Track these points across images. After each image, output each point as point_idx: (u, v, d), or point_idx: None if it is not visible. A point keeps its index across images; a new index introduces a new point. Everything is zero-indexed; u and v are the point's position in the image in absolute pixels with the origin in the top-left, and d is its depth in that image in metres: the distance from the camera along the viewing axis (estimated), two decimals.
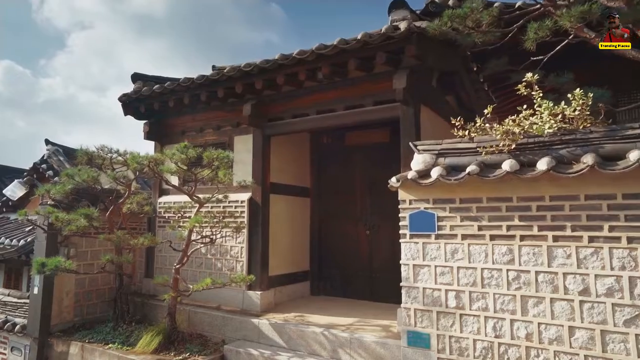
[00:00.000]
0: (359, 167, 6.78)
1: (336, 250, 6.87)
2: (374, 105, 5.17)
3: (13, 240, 7.65)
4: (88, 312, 6.37)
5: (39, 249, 5.92)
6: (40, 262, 4.92)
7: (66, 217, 4.98)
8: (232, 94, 5.95)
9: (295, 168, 6.79)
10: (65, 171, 5.26)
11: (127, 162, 5.03)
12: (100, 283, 6.57)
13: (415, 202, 4.08)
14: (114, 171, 5.46)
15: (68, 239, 6.13)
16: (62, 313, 6.04)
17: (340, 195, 6.93)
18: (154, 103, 6.60)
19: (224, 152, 5.09)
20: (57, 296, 5.96)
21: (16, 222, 9.64)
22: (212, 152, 5.03)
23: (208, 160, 5.14)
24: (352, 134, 6.81)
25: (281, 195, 6.36)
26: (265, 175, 5.99)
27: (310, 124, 5.69)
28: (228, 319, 5.41)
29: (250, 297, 5.71)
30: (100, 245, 6.56)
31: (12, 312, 6.40)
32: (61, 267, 4.94)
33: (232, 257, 5.99)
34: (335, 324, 4.95)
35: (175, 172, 5.38)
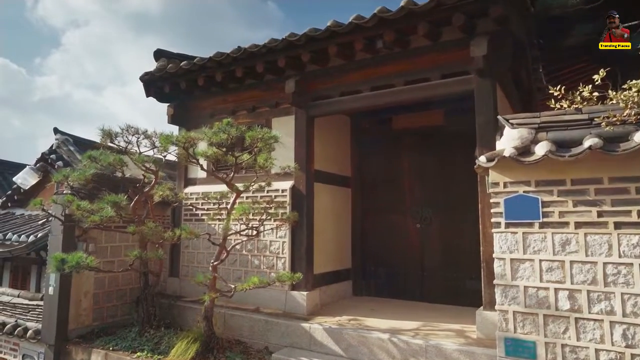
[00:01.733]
0: (407, 153, 6.13)
1: (381, 246, 6.22)
2: (441, 79, 4.52)
3: (21, 236, 6.98)
4: (108, 315, 5.70)
5: (54, 245, 5.25)
6: (59, 258, 4.26)
7: (89, 206, 4.31)
8: (272, 69, 5.30)
9: (335, 155, 6.13)
10: (87, 153, 4.59)
11: (159, 142, 4.36)
12: (121, 283, 5.90)
13: (511, 185, 3.42)
14: (141, 154, 4.80)
15: (86, 233, 5.47)
16: (80, 316, 5.37)
17: (385, 186, 6.28)
18: (181, 82, 5.94)
19: (269, 132, 4.43)
20: (74, 298, 5.29)
21: (23, 217, 8.96)
22: (256, 132, 4.37)
23: (251, 141, 4.48)
24: (400, 117, 6.16)
25: (323, 184, 5.71)
26: (310, 161, 5.33)
27: (363, 102, 5.03)
28: (272, 323, 4.75)
29: (294, 298, 5.05)
30: (121, 241, 5.90)
31: (23, 315, 5.73)
32: (83, 264, 4.29)
33: (272, 254, 5.33)
34: (399, 329, 4.30)
35: (211, 155, 4.70)
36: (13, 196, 9.57)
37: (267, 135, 4.38)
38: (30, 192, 9.70)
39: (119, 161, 4.48)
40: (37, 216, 8.80)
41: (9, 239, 7.20)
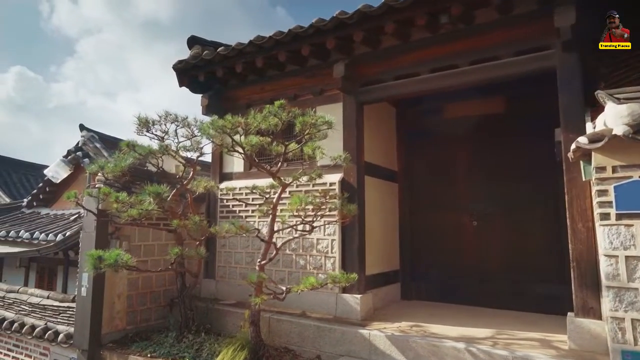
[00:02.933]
0: (462, 145, 5.63)
1: (432, 246, 5.73)
2: (514, 57, 4.04)
3: (49, 235, 6.70)
4: (142, 319, 5.33)
5: (87, 242, 4.90)
6: (96, 255, 3.89)
7: (128, 198, 3.93)
8: (317, 52, 4.89)
9: (380, 147, 5.67)
10: (124, 142, 4.22)
11: (203, 128, 3.96)
12: (154, 284, 5.53)
13: (623, 170, 2.92)
14: (179, 143, 4.42)
15: (119, 230, 5.12)
16: (114, 320, 5.01)
17: (436, 180, 5.80)
18: (217, 69, 5.56)
19: (323, 117, 4.00)
20: (107, 300, 4.93)
21: (48, 216, 8.73)
22: (309, 116, 3.94)
23: (301, 127, 4.05)
24: (453, 105, 5.67)
25: (372, 177, 5.25)
26: (360, 151, 4.89)
27: (421, 86, 4.57)
28: (325, 329, 4.29)
29: (346, 301, 4.60)
30: (154, 239, 5.54)
31: (53, 317, 5.40)
32: (121, 262, 3.91)
33: (320, 253, 4.89)
34: (473, 337, 3.81)
35: (256, 144, 4.27)
36: (38, 195, 9.38)
37: (320, 120, 3.95)
38: (56, 191, 9.49)
39: (162, 150, 4.08)
40: (62, 215, 8.55)
41: (37, 238, 6.94)
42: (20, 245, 7.19)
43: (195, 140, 4.41)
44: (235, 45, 5.21)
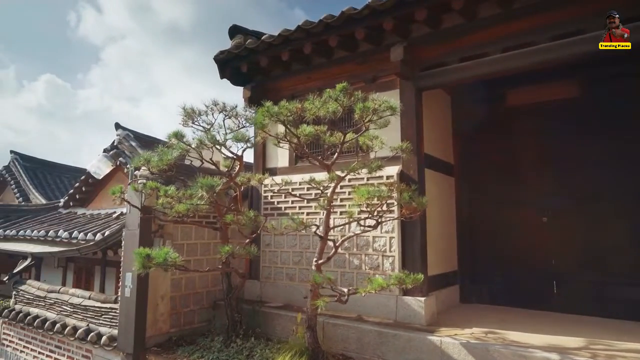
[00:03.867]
0: (528, 134, 5.16)
1: (495, 244, 5.26)
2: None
3: (88, 235, 6.55)
4: (185, 322, 5.07)
5: (130, 240, 4.68)
6: (144, 253, 3.62)
7: (177, 192, 3.66)
8: (372, 36, 4.53)
9: (436, 138, 5.25)
10: (173, 132, 3.96)
11: (257, 115, 3.65)
12: (197, 285, 5.27)
13: None
14: (227, 134, 4.13)
15: (163, 228, 4.88)
16: (157, 322, 4.76)
17: (498, 174, 5.34)
18: (261, 58, 5.28)
19: (387, 101, 3.63)
20: (151, 301, 4.69)
21: (85, 216, 8.66)
22: (373, 101, 3.58)
23: (361, 114, 3.69)
24: (518, 91, 5.20)
25: (430, 170, 4.84)
26: (420, 142, 4.49)
27: (491, 67, 4.12)
28: (387, 335, 3.90)
29: (407, 304, 4.20)
30: (196, 238, 5.29)
31: (95, 319, 5.21)
32: (170, 261, 3.64)
33: (376, 252, 4.51)
34: (562, 347, 3.35)
35: (309, 134, 3.93)
36: (75, 195, 9.35)
37: (384, 105, 3.57)
38: (91, 191, 9.44)
39: (212, 140, 3.80)
40: (98, 215, 8.46)
41: (75, 237, 6.81)
42: (59, 244, 7.09)
43: (240, 133, 4.11)
44: (281, 31, 4.91)
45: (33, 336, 6.03)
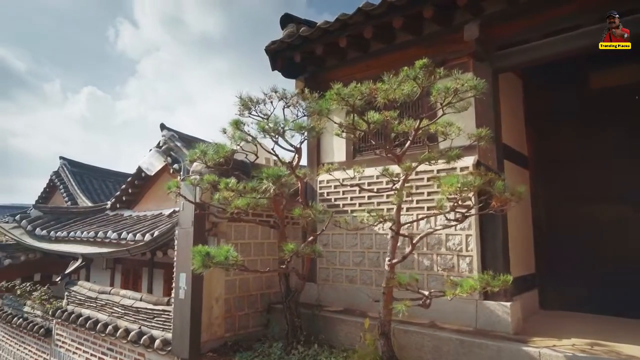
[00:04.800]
0: (617, 121, 4.58)
1: (578, 244, 4.71)
2: None
3: (137, 235, 6.45)
4: (240, 326, 4.80)
5: (184, 239, 4.46)
6: (204, 251, 3.36)
7: (236, 185, 3.38)
8: (440, 15, 4.14)
9: (509, 126, 4.75)
10: (233, 120, 3.70)
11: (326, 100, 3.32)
12: (251, 287, 5.00)
13: None
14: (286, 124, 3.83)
15: (216, 226, 4.65)
16: (212, 326, 4.51)
17: (579, 165, 4.79)
18: (316, 47, 4.99)
19: (471, 79, 3.22)
20: (206, 303, 4.45)
21: (131, 218, 8.64)
22: (456, 80, 3.18)
23: (437, 95, 3.31)
24: (603, 73, 4.65)
25: (507, 161, 4.36)
26: (498, 129, 4.06)
27: (581, 42, 3.63)
28: (472, 344, 3.46)
29: (490, 310, 3.75)
30: (250, 237, 5.03)
31: (147, 321, 5.04)
32: (232, 260, 3.36)
33: (450, 251, 4.08)
34: None
35: (377, 121, 3.56)
36: (121, 197, 9.39)
37: (468, 84, 3.16)
38: (137, 193, 9.46)
39: (276, 129, 3.50)
40: (145, 216, 8.42)
41: (124, 238, 6.73)
42: (108, 245, 7.05)
43: (301, 122, 3.80)
44: (339, 16, 4.60)
45: (85, 337, 5.95)
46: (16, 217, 8.93)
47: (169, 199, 8.73)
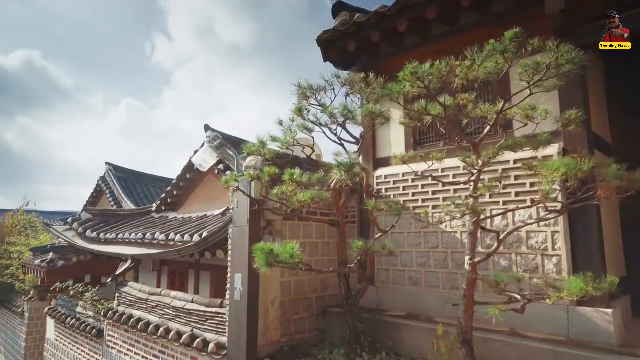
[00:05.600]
0: None
1: None
2: None
3: (185, 236, 6.35)
4: (296, 331, 4.54)
5: (239, 238, 4.27)
6: (267, 249, 3.13)
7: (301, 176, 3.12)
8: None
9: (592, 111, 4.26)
10: (296, 107, 3.47)
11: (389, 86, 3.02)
12: (307, 290, 4.74)
13: None
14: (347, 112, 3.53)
15: (271, 224, 4.42)
16: (269, 330, 4.27)
17: None
18: (372, 34, 4.70)
19: (571, 50, 2.82)
20: (262, 306, 4.22)
21: (177, 220, 8.63)
22: (551, 53, 2.79)
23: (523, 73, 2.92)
24: None
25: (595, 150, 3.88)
26: (587, 113, 3.60)
27: None
28: (567, 356, 3.02)
29: (585, 317, 3.29)
30: (305, 236, 4.77)
31: (200, 324, 4.88)
32: (297, 258, 3.10)
33: (533, 250, 3.65)
34: None
35: (451, 106, 3.22)
36: (166, 200, 9.43)
37: (565, 57, 2.77)
38: (181, 195, 9.48)
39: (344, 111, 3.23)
40: (190, 218, 8.37)
41: (172, 239, 6.65)
42: (156, 247, 7.02)
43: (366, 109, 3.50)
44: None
45: (137, 339, 5.88)
46: (68, 219, 9.16)
47: (213, 200, 8.68)
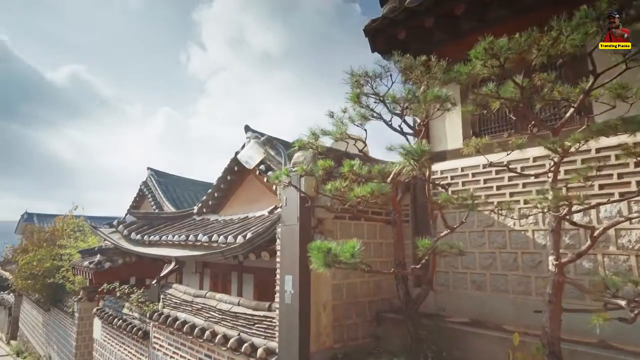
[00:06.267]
0: None
1: None
2: None
3: (228, 238, 6.23)
4: (349, 337, 4.27)
5: (288, 238, 4.05)
6: (324, 248, 2.88)
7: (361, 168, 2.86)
8: None
9: None
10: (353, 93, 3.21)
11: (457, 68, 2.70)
12: (359, 293, 4.46)
13: None
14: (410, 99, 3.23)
15: (322, 223, 4.18)
16: (321, 336, 4.02)
17: None
18: (425, 19, 4.39)
19: None
20: (313, 310, 3.98)
21: (218, 222, 8.59)
22: None
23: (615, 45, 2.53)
24: None
25: None
26: None
27: None
28: None
29: None
30: (356, 236, 4.47)
31: (247, 328, 4.71)
32: (358, 258, 2.83)
33: (624, 250, 3.21)
34: None
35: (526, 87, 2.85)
36: (207, 202, 9.43)
37: None
38: (222, 197, 9.46)
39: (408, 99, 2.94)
40: (231, 220, 8.30)
41: (215, 240, 6.56)
42: (200, 248, 6.96)
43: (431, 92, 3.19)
44: None
45: (182, 342, 5.80)
46: (113, 222, 9.34)
47: (254, 202, 8.58)
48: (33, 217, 25.98)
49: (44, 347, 14.32)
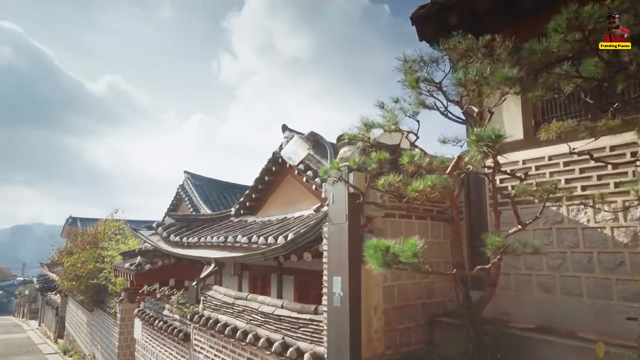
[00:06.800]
0: None
1: None
2: None
3: (268, 239, 6.10)
4: (401, 342, 4.00)
5: (336, 237, 3.84)
6: (382, 246, 2.65)
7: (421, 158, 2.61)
8: None
9: None
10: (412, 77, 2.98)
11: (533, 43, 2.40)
12: (410, 296, 4.18)
13: None
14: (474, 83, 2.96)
15: (371, 222, 3.95)
16: (372, 341, 3.78)
17: None
18: (479, 2, 4.08)
19: None
20: (364, 313, 3.74)
21: (256, 223, 8.50)
22: None
23: None
24: None
25: None
26: None
27: None
28: None
29: None
30: (407, 235, 4.19)
31: (292, 332, 4.53)
32: (419, 258, 2.58)
33: None
34: None
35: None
36: (245, 203, 9.38)
37: None
38: (260, 198, 9.39)
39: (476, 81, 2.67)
40: (269, 221, 8.19)
41: (255, 242, 6.44)
42: (239, 250, 6.87)
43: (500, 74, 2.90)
44: None
45: (224, 345, 5.70)
46: (153, 225, 9.45)
47: (292, 204, 8.42)
48: (77, 221, 27.10)
49: (88, 347, 14.77)
